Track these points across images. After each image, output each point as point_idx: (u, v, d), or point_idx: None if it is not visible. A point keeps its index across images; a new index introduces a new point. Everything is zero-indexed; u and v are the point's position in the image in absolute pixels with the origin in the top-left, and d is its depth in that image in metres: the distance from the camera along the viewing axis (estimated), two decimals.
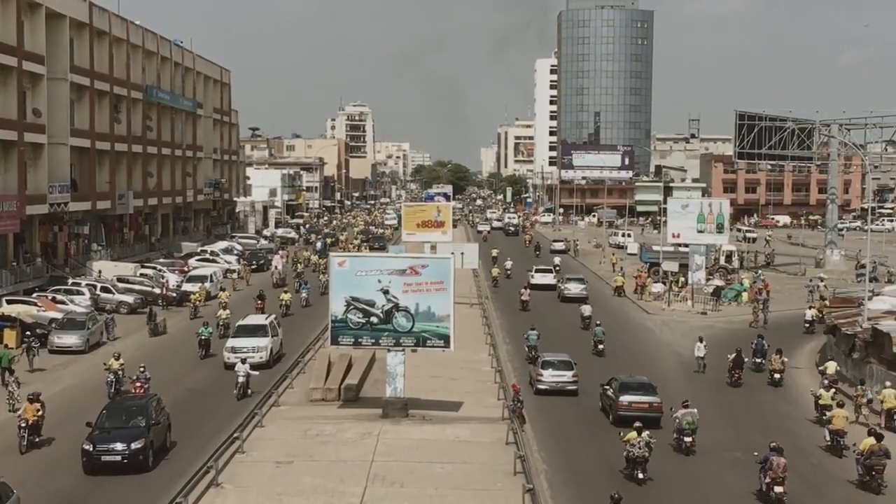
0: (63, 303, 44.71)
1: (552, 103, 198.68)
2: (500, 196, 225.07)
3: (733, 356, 34.97)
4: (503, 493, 21.50)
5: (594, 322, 43.31)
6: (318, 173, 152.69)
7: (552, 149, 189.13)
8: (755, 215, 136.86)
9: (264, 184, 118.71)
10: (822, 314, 45.65)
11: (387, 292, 27.59)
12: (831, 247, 75.86)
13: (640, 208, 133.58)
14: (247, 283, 60.07)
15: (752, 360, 36.89)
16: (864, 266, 54.89)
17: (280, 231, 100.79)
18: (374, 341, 28.13)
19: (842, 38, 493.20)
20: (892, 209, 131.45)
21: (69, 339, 38.46)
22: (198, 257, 66.45)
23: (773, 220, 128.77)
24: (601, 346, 39.67)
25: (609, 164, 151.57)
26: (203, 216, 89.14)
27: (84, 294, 47.30)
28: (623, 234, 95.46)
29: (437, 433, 26.32)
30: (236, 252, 72.30)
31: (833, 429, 26.32)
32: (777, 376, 34.96)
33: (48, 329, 39.55)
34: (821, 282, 57.22)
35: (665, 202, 69.53)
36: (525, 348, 37.98)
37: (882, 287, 49.69)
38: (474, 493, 21.67)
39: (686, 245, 58.42)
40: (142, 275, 55.05)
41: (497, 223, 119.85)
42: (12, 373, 31.22)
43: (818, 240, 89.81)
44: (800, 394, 33.55)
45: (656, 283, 58.57)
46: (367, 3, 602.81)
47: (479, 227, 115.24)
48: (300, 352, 37.41)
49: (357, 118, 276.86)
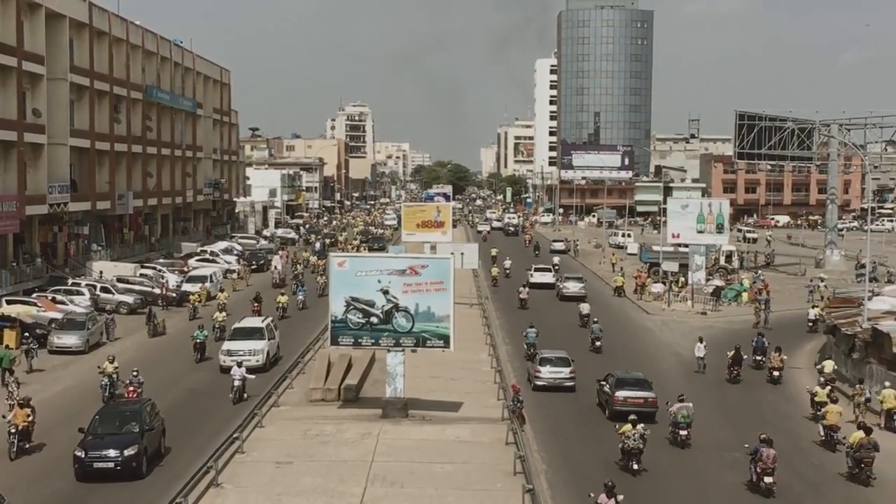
0: (63, 303, 44.63)
1: (552, 103, 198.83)
2: (500, 196, 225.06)
3: (732, 353, 35.41)
4: (503, 494, 21.52)
5: (592, 320, 43.47)
6: (317, 173, 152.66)
7: (552, 149, 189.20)
8: (755, 215, 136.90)
9: (264, 184, 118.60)
10: (824, 314, 45.67)
11: (387, 292, 27.59)
12: (831, 247, 75.91)
13: (640, 208, 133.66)
14: (246, 284, 60.05)
15: (753, 357, 37.13)
16: (863, 266, 54.91)
17: (280, 231, 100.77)
18: (373, 341, 28.12)
19: (842, 37, 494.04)
20: (892, 209, 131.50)
21: (69, 340, 38.39)
22: (197, 257, 66.40)
23: (772, 220, 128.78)
24: (598, 343, 40.09)
25: (609, 165, 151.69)
26: (203, 216, 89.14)
27: (84, 294, 47.24)
28: (623, 235, 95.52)
29: (437, 433, 26.32)
30: (236, 252, 72.27)
31: (826, 424, 26.92)
32: (776, 374, 35.24)
33: (48, 329, 39.48)
34: (821, 282, 57.23)
35: (665, 202, 69.49)
36: (524, 346, 38.15)
37: (882, 287, 49.68)
38: (474, 493, 21.68)
39: (686, 245, 58.41)
40: (141, 275, 55.00)
41: (497, 223, 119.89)
42: (12, 373, 31.17)
43: (818, 240, 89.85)
44: (798, 392, 33.64)
45: (656, 283, 58.60)
46: (367, 3, 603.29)
47: (479, 227, 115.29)
48: (298, 353, 37.26)
49: (357, 118, 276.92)
